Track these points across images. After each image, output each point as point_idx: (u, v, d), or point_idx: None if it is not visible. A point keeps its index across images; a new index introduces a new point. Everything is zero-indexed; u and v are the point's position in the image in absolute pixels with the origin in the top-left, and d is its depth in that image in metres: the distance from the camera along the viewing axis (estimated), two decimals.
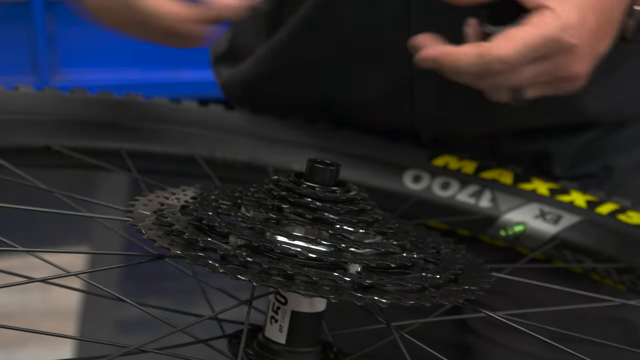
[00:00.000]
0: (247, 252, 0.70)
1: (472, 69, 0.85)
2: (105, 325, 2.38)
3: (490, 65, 0.84)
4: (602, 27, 0.87)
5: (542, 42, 0.83)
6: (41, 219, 2.47)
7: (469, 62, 0.85)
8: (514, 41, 0.83)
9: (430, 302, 0.70)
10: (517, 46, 0.83)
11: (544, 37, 0.83)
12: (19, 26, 2.34)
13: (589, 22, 0.84)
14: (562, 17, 0.83)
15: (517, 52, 0.83)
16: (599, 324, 1.05)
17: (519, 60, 0.84)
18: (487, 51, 0.84)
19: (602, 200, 1.03)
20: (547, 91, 0.90)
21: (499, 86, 0.88)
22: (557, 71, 0.86)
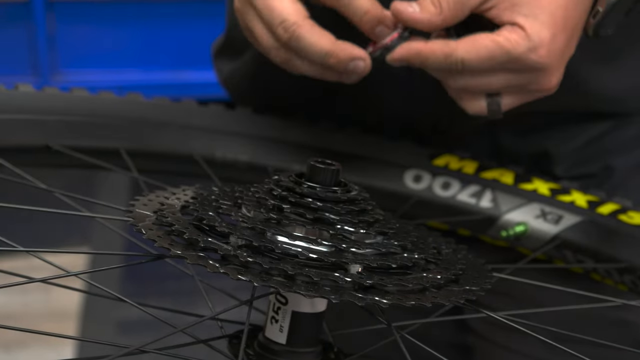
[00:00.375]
0: (248, 252, 0.70)
1: (439, 67, 0.87)
2: (106, 325, 2.38)
3: (455, 66, 0.85)
4: (570, 41, 0.87)
5: (508, 59, 0.84)
6: (41, 219, 2.47)
7: (436, 60, 0.86)
8: (479, 49, 0.85)
9: (431, 303, 0.70)
10: (482, 55, 0.85)
11: (510, 55, 0.84)
12: (20, 26, 2.34)
13: (559, 40, 0.85)
14: (532, 37, 0.84)
15: (480, 60, 0.85)
16: (599, 324, 1.05)
17: (481, 68, 0.85)
18: (452, 52, 0.85)
19: (603, 200, 1.03)
20: (520, 101, 0.90)
21: (469, 88, 0.88)
22: (525, 85, 0.88)
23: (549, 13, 0.84)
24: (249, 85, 1.16)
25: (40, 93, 1.01)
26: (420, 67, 0.88)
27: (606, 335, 0.84)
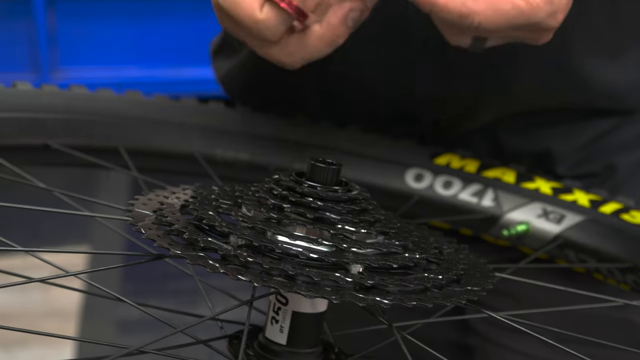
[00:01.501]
0: (248, 252, 0.70)
1: (450, 23, 0.81)
2: (106, 325, 2.38)
3: (468, 28, 0.80)
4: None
5: (526, 24, 0.81)
6: (40, 218, 2.47)
7: (449, 18, 0.80)
8: (499, 15, 0.80)
9: (432, 303, 0.70)
10: (501, 22, 0.80)
11: (529, 20, 0.80)
12: (20, 23, 2.35)
13: (570, 2, 0.83)
14: (554, 1, 0.81)
15: (498, 26, 0.80)
16: (602, 324, 1.05)
17: (496, 32, 0.81)
18: (470, 15, 0.80)
19: (606, 199, 1.03)
20: (504, 42, 0.87)
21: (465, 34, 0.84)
22: (523, 39, 0.85)
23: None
24: (247, 83, 1.16)
25: (39, 91, 1.01)
26: (438, 19, 0.83)
27: (608, 336, 0.84)
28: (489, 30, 0.80)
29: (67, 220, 2.47)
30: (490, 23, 0.80)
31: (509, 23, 0.80)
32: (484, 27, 0.80)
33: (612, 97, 1.07)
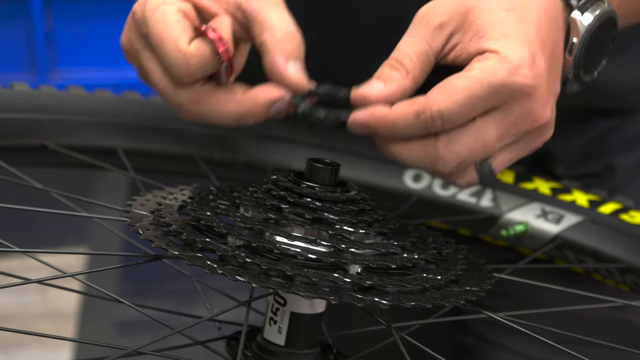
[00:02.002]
0: (246, 252, 0.70)
1: (411, 131, 0.73)
2: (103, 326, 2.38)
3: (430, 122, 0.72)
4: (552, 63, 0.76)
5: (490, 92, 0.72)
6: (37, 219, 2.47)
7: (406, 123, 0.73)
8: (454, 93, 0.72)
9: (431, 304, 0.70)
10: (459, 98, 0.71)
11: (491, 85, 0.72)
12: (17, 24, 2.34)
13: (540, 60, 0.74)
14: (509, 58, 0.72)
15: (459, 105, 0.71)
16: (601, 325, 1.05)
17: (463, 113, 0.72)
18: (423, 107, 0.72)
19: (605, 199, 1.03)
20: (517, 154, 0.78)
21: (458, 153, 0.75)
22: (519, 122, 0.74)
23: (521, 31, 0.74)
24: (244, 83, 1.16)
25: (36, 92, 1.00)
26: (388, 135, 0.75)
27: (608, 336, 0.84)
28: (455, 116, 0.72)
29: (64, 221, 2.46)
30: (450, 104, 0.72)
31: (470, 96, 0.72)
32: (448, 114, 0.72)
33: (612, 97, 1.07)
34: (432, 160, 0.74)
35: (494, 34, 0.74)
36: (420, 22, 0.77)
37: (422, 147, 0.75)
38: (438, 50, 0.76)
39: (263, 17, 0.80)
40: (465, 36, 0.75)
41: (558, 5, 0.78)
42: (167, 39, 0.77)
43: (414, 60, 0.76)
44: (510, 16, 0.75)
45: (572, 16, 0.78)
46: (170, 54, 0.77)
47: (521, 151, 0.78)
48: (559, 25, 0.78)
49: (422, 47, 0.76)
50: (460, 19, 0.75)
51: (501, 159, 0.77)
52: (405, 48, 0.76)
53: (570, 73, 0.80)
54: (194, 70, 0.77)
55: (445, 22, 0.76)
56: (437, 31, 0.76)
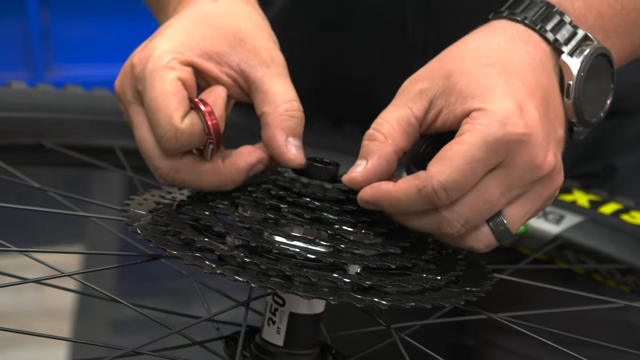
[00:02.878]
0: (245, 252, 0.70)
1: (416, 205, 0.72)
2: (100, 326, 2.37)
3: (435, 196, 0.71)
4: (546, 110, 0.74)
5: (486, 149, 0.70)
6: (34, 218, 2.47)
7: (410, 199, 0.72)
8: (451, 160, 0.70)
9: (430, 304, 0.69)
10: (458, 165, 0.70)
11: (485, 142, 0.70)
12: (13, 21, 2.34)
13: (529, 107, 0.72)
14: (497, 111, 0.71)
15: (458, 171, 0.70)
16: (601, 326, 1.04)
17: (467, 179, 0.71)
18: (424, 182, 0.71)
19: (605, 200, 1.02)
20: (530, 206, 0.75)
21: (467, 219, 0.73)
22: (522, 174, 0.73)
23: (504, 83, 0.73)
24: None
25: (34, 90, 1.00)
26: (393, 211, 0.74)
27: (608, 337, 0.84)
28: (459, 184, 0.71)
29: (61, 220, 2.46)
30: (451, 173, 0.70)
31: (469, 161, 0.70)
32: (450, 183, 0.70)
33: (613, 98, 1.06)
34: (437, 224, 0.73)
35: (477, 92, 0.72)
36: (402, 91, 0.76)
37: (425, 213, 0.73)
38: (420, 115, 0.75)
39: (267, 87, 0.79)
40: (450, 99, 0.74)
41: (544, 52, 0.77)
42: (162, 110, 0.75)
43: (392, 125, 0.75)
44: (491, 71, 0.73)
45: (562, 59, 0.77)
46: (162, 125, 0.75)
47: (535, 202, 0.75)
48: (549, 71, 0.77)
49: (401, 112, 0.75)
50: (442, 84, 0.74)
51: (513, 213, 0.74)
52: (384, 115, 0.76)
53: (574, 117, 0.78)
54: (182, 145, 0.76)
55: (426, 88, 0.75)
56: (417, 96, 0.75)
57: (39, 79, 2.36)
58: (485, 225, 0.74)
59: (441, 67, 0.76)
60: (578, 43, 0.77)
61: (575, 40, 0.77)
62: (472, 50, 0.75)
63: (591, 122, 0.79)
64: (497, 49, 0.75)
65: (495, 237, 0.74)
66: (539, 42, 0.76)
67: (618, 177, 1.09)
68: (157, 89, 0.75)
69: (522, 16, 0.77)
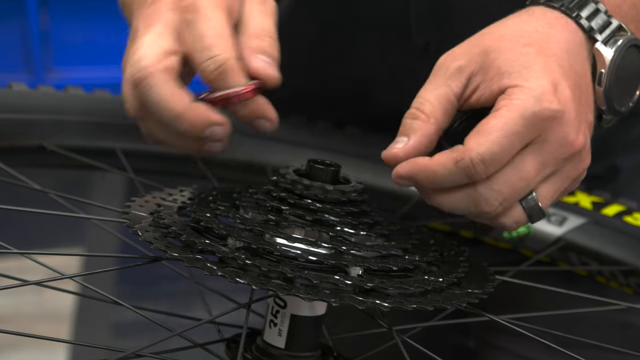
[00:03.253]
0: (246, 254, 0.69)
1: (453, 179, 0.73)
2: (101, 328, 2.37)
3: (472, 169, 0.72)
4: (579, 93, 0.76)
5: (523, 123, 0.72)
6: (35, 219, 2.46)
7: (447, 172, 0.73)
8: (490, 134, 0.72)
9: (432, 306, 0.69)
10: (495, 138, 0.72)
11: (523, 117, 0.72)
12: (12, 23, 2.33)
13: (563, 86, 0.74)
14: (533, 88, 0.73)
15: (496, 144, 0.72)
16: (604, 328, 1.04)
17: (504, 152, 0.72)
18: (462, 154, 0.72)
19: (608, 201, 1.02)
20: (560, 185, 0.77)
21: (502, 193, 0.74)
22: (556, 150, 0.74)
23: (541, 63, 0.75)
24: None
25: (35, 92, 1.00)
26: (430, 185, 0.74)
27: (611, 339, 0.84)
28: (496, 156, 0.72)
29: (62, 221, 2.46)
30: (488, 146, 0.72)
31: (505, 134, 0.72)
32: (488, 155, 0.72)
33: None
34: (475, 203, 0.73)
35: (514, 69, 0.74)
36: (440, 68, 0.77)
37: (463, 192, 0.74)
38: (459, 92, 0.76)
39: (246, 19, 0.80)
40: (487, 76, 0.75)
41: (579, 39, 0.78)
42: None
43: (434, 104, 0.76)
44: (529, 51, 0.75)
45: (596, 47, 0.78)
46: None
47: (564, 182, 0.77)
48: (583, 57, 0.78)
49: (441, 90, 0.76)
50: (480, 60, 0.76)
51: (544, 191, 0.75)
52: (424, 94, 0.77)
53: (604, 104, 0.80)
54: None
55: (464, 65, 0.76)
56: (456, 74, 0.76)
57: (39, 81, 2.35)
58: (518, 204, 0.75)
59: (480, 45, 0.77)
60: (612, 32, 0.79)
61: (609, 30, 0.79)
62: (512, 31, 0.77)
63: (620, 111, 0.81)
64: (535, 32, 0.77)
65: (526, 214, 0.75)
66: (575, 30, 0.78)
67: (621, 179, 1.09)
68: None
69: (559, 3, 0.78)
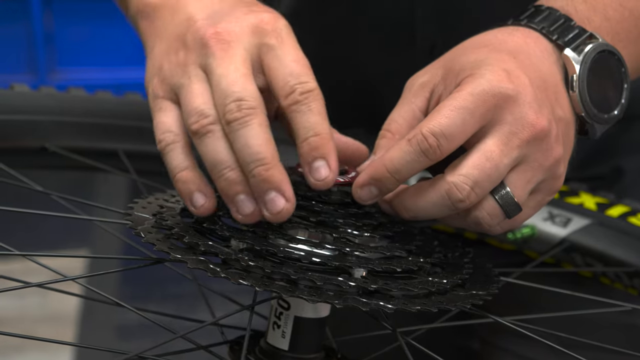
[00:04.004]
0: (249, 256, 0.69)
1: (411, 159, 0.73)
2: (104, 330, 2.37)
3: (425, 142, 0.72)
4: (543, 84, 0.76)
5: (472, 99, 0.72)
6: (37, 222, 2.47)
7: (403, 153, 0.73)
8: (439, 110, 0.72)
9: (436, 308, 0.69)
10: (444, 112, 0.72)
11: (471, 94, 0.72)
12: (17, 24, 2.34)
13: (518, 73, 0.74)
14: (484, 74, 0.73)
15: (444, 117, 0.72)
16: (609, 329, 1.04)
17: (455, 126, 0.72)
18: (414, 133, 0.72)
19: (613, 202, 1.02)
20: (531, 174, 0.75)
21: (468, 178, 0.72)
22: (516, 129, 0.73)
23: (496, 58, 0.75)
24: None
25: (37, 93, 1.00)
26: (392, 180, 0.74)
27: (615, 341, 0.83)
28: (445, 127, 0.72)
29: (64, 224, 2.46)
30: (441, 121, 0.72)
31: (458, 109, 0.72)
32: (444, 128, 0.72)
33: None
34: (447, 193, 0.73)
35: (468, 66, 0.75)
36: (405, 89, 0.80)
37: (431, 186, 0.74)
38: (424, 105, 0.78)
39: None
40: (447, 82, 0.76)
41: (544, 45, 0.79)
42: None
43: (399, 122, 0.78)
44: (483, 50, 0.77)
45: (564, 54, 0.79)
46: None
47: (535, 171, 0.75)
48: (550, 61, 0.79)
49: (406, 108, 0.78)
50: (441, 73, 0.77)
51: (515, 179, 0.75)
52: (392, 114, 0.79)
53: (582, 110, 0.79)
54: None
55: (426, 80, 0.78)
56: (419, 89, 0.78)
57: (42, 81, 2.36)
58: (490, 197, 0.74)
59: (440, 60, 0.79)
60: (582, 40, 0.79)
61: (579, 38, 0.79)
62: (469, 41, 0.80)
63: (603, 118, 0.81)
64: (493, 37, 0.79)
65: (500, 206, 0.74)
66: (539, 38, 0.79)
67: (626, 179, 1.09)
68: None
69: (525, 20, 0.80)
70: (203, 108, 0.71)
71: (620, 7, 0.83)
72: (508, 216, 0.75)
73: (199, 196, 0.72)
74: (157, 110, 0.76)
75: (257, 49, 0.74)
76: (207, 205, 0.72)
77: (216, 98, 0.71)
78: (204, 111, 0.71)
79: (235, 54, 0.73)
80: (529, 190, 0.76)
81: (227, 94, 0.71)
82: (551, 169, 0.76)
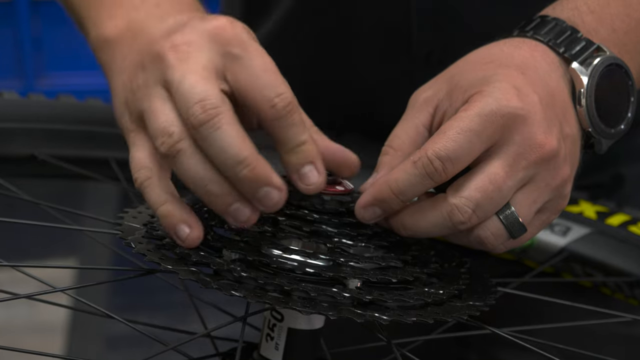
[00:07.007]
0: (242, 266, 0.68)
1: (415, 182, 0.72)
2: (94, 342, 2.37)
3: (430, 166, 0.71)
4: (551, 101, 0.75)
5: (480, 121, 0.71)
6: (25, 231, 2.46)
7: (408, 175, 0.72)
8: (444, 132, 0.71)
9: (433, 319, 0.69)
10: (451, 135, 0.71)
11: (479, 115, 0.71)
12: (4, 28, 2.34)
13: (527, 91, 0.73)
14: (492, 92, 0.72)
15: (451, 140, 0.70)
16: (608, 340, 1.04)
17: (461, 150, 0.71)
18: (419, 155, 0.71)
19: (613, 211, 1.02)
20: (537, 194, 0.74)
21: (470, 201, 0.71)
22: (523, 151, 0.72)
23: (504, 73, 0.74)
24: None
25: (25, 100, 0.99)
26: (395, 200, 0.73)
27: (616, 352, 0.83)
28: (450, 150, 0.71)
29: (53, 233, 2.45)
30: (445, 144, 0.71)
31: (464, 130, 0.71)
32: (447, 152, 0.71)
33: None
34: (449, 214, 0.72)
35: (476, 83, 0.74)
36: (409, 104, 0.79)
37: (433, 206, 0.73)
38: (427, 121, 0.76)
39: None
40: (452, 98, 0.75)
41: (551, 59, 0.78)
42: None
43: (402, 138, 0.77)
44: (490, 66, 0.76)
45: (572, 67, 0.78)
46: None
47: (542, 192, 0.74)
48: (557, 75, 0.78)
49: (409, 123, 0.77)
50: (445, 87, 0.76)
51: (521, 200, 0.73)
52: (395, 130, 0.78)
53: (589, 125, 0.78)
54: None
55: (430, 95, 0.77)
56: (423, 105, 0.77)
57: (31, 87, 2.35)
58: (494, 217, 0.73)
59: (444, 74, 0.77)
60: (590, 53, 0.78)
61: (586, 51, 0.78)
62: (474, 55, 0.78)
63: (609, 133, 0.79)
64: (500, 52, 0.78)
65: (504, 226, 0.73)
66: (546, 50, 0.78)
67: (626, 188, 1.09)
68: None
69: (531, 32, 0.78)
70: (165, 125, 0.69)
71: (627, 18, 0.82)
72: (512, 236, 0.74)
73: (182, 227, 0.70)
74: (131, 146, 0.74)
75: (222, 59, 0.71)
76: (193, 235, 0.70)
77: (179, 107, 0.69)
78: (166, 129, 0.69)
79: (195, 61, 0.70)
80: (535, 210, 0.75)
81: (188, 98, 0.68)
82: (558, 189, 0.75)
